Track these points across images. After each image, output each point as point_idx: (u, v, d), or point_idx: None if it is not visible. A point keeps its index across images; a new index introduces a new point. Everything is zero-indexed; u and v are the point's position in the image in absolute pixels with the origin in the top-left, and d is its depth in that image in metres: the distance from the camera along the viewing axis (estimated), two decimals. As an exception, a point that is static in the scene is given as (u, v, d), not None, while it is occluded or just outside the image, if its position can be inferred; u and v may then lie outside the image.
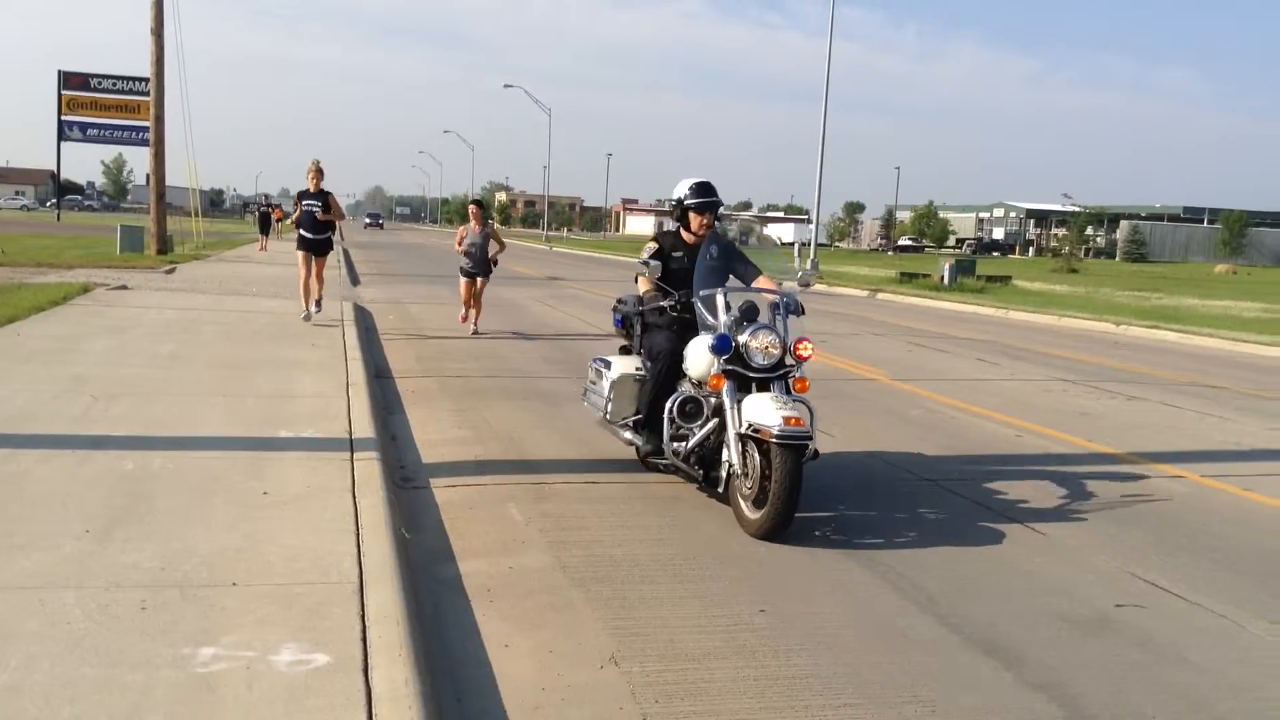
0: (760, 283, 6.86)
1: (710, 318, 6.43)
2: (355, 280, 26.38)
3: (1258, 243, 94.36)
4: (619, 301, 7.58)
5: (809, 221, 47.33)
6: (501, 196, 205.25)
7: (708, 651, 4.40)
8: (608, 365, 7.35)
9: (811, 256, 41.31)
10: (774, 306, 6.54)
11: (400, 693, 3.58)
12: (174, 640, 3.93)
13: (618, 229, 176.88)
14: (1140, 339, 20.79)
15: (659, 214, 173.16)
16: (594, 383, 7.58)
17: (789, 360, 6.27)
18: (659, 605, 4.91)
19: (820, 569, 5.56)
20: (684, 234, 7.03)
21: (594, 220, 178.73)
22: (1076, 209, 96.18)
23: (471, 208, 15.82)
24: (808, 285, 7.25)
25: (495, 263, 15.58)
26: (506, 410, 9.57)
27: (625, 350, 7.51)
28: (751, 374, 6.16)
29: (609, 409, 7.16)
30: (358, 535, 5.24)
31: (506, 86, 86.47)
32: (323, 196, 14.39)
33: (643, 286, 6.94)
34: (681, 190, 6.96)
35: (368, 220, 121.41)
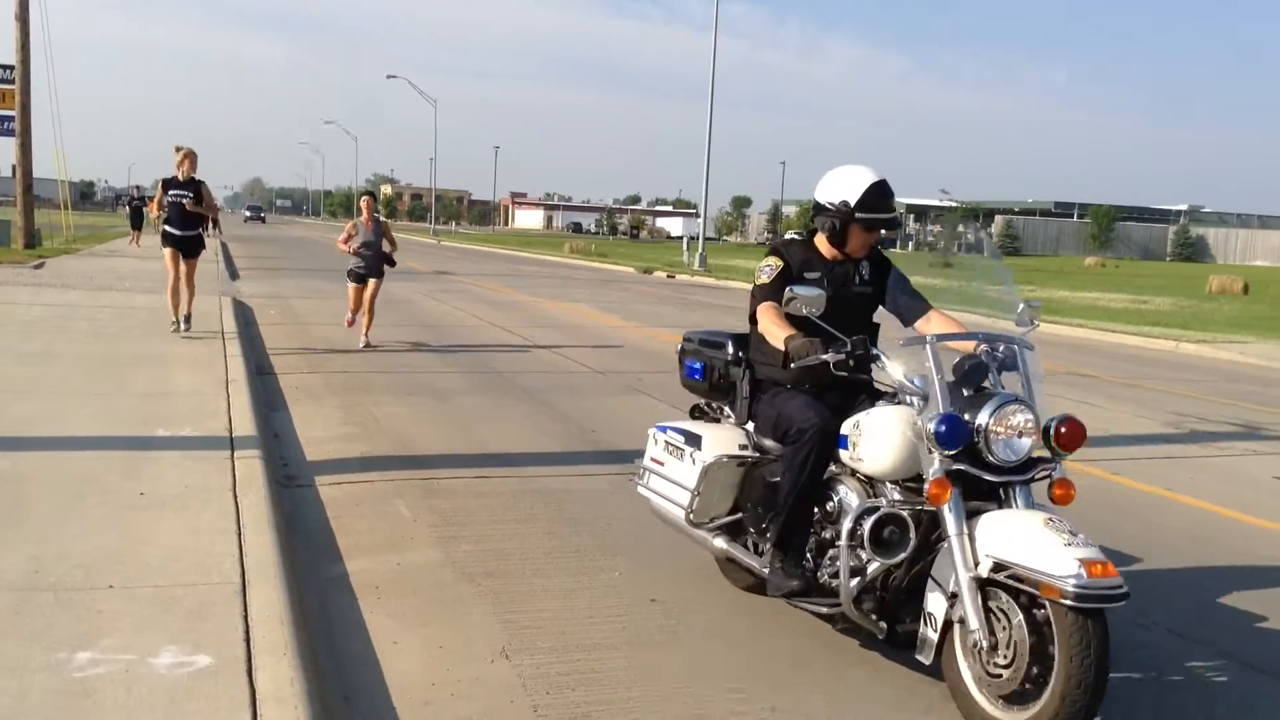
0: (938, 323, 4.78)
1: (910, 381, 4.21)
2: (234, 274, 25.72)
3: (1125, 237, 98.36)
4: (687, 341, 5.47)
5: (697, 215, 47.73)
6: (387, 189, 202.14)
7: (599, 642, 4.43)
8: (691, 440, 5.02)
9: (700, 250, 41.73)
10: (988, 358, 4.21)
11: (285, 692, 3.53)
12: (49, 645, 3.80)
13: (507, 223, 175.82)
14: (1015, 330, 21.47)
15: (549, 208, 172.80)
16: (660, 462, 5.26)
17: (1041, 451, 4.08)
18: (550, 598, 4.93)
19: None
20: (822, 246, 4.78)
21: (482, 214, 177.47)
22: (953, 204, 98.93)
23: (363, 200, 13.72)
24: (1029, 327, 4.56)
25: (392, 262, 13.61)
26: (394, 406, 9.46)
27: (700, 413, 5.44)
28: (989, 475, 3.95)
29: (695, 504, 4.85)
30: (239, 535, 5.13)
31: (390, 77, 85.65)
32: (193, 186, 12.56)
33: (769, 323, 4.51)
34: (847, 189, 4.59)
35: (248, 213, 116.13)
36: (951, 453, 3.89)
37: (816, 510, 4.41)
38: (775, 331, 4.43)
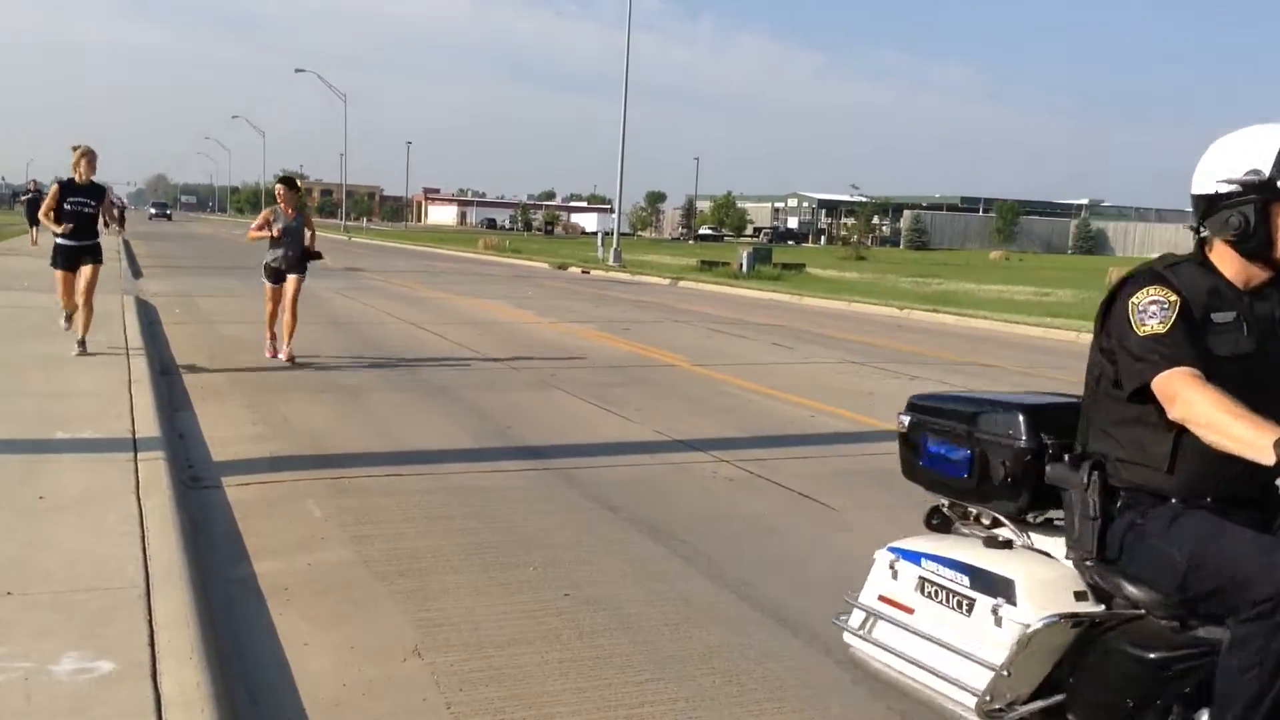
0: None
1: None
2: (137, 273, 25.06)
3: (1028, 231, 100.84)
4: (924, 411, 3.59)
5: (612, 211, 47.78)
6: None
7: (512, 638, 4.44)
8: (987, 582, 3.06)
9: (615, 246, 41.81)
10: None
11: (191, 696, 3.47)
12: (-60, 657, 3.68)
13: (419, 219, 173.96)
14: (922, 322, 21.95)
15: (463, 203, 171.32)
16: (906, 608, 3.39)
17: None
18: (463, 595, 4.91)
19: (623, 551, 5.67)
20: (1225, 266, 2.91)
21: (395, 210, 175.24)
22: (864, 199, 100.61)
23: (280, 188, 11.98)
24: None
25: (317, 255, 12.22)
26: (305, 405, 9.32)
27: (941, 519, 3.73)
28: None
29: (1002, 688, 2.94)
30: (143, 538, 5.02)
31: (298, 71, 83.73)
32: (97, 192, 11.03)
33: (1211, 410, 2.57)
34: (1262, 151, 2.77)
35: (153, 210, 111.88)
36: None
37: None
38: (1236, 427, 2.50)
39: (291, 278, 11.75)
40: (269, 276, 11.87)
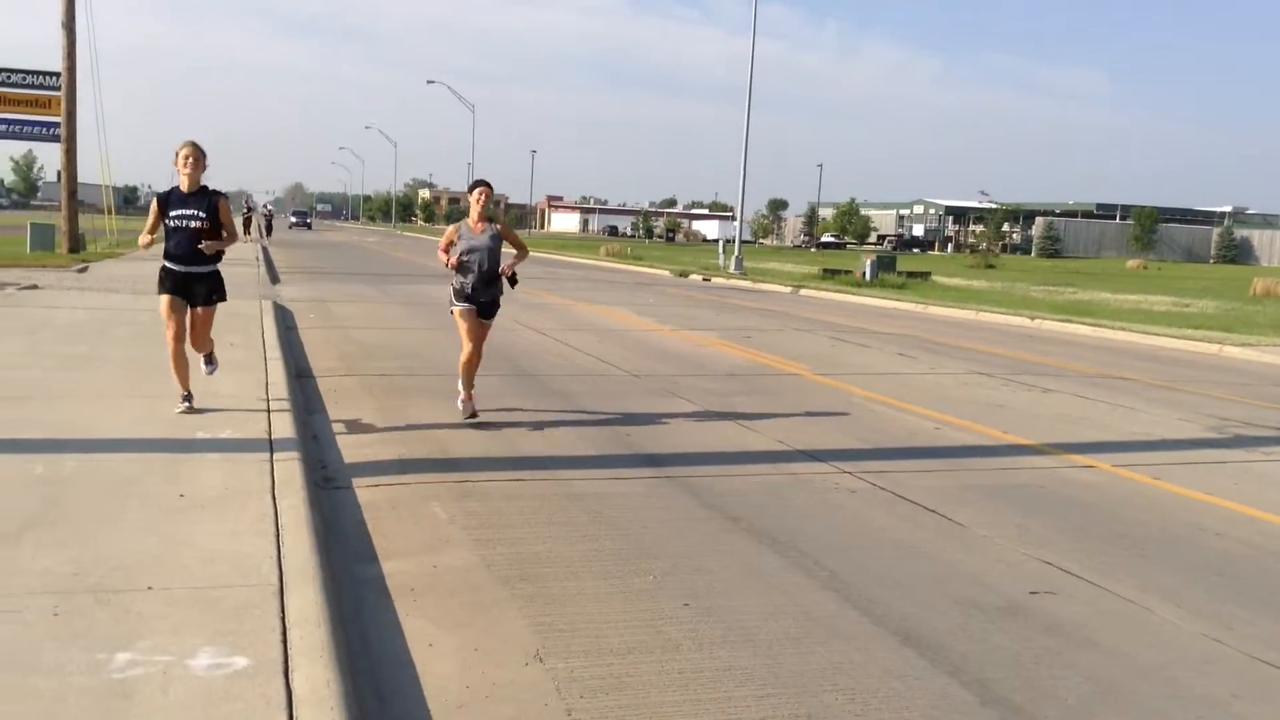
0: None
1: None
2: (275, 278, 25.97)
3: (1168, 238, 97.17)
4: None
5: (733, 218, 47.67)
6: (425, 194, 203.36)
7: (632, 646, 4.43)
8: None
9: (736, 253, 41.67)
10: None
11: (322, 694, 3.56)
12: (88, 646, 3.85)
13: (543, 226, 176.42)
14: (1054, 333, 21.29)
15: (585, 211, 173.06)
16: None
17: None
18: (584, 601, 4.93)
19: (744, 562, 5.62)
20: None
21: (519, 217, 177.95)
22: (993, 206, 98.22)
23: (478, 193, 9.18)
24: None
25: (514, 280, 9.39)
26: (430, 409, 9.51)
27: None
28: None
29: None
30: (278, 537, 5.18)
31: (429, 82, 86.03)
32: (206, 200, 8.07)
33: None
34: None
35: (294, 219, 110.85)
36: None
37: None
38: None
39: (485, 321, 9.32)
40: (461, 302, 9.16)
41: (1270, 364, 16.76)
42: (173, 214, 8.02)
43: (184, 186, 8.04)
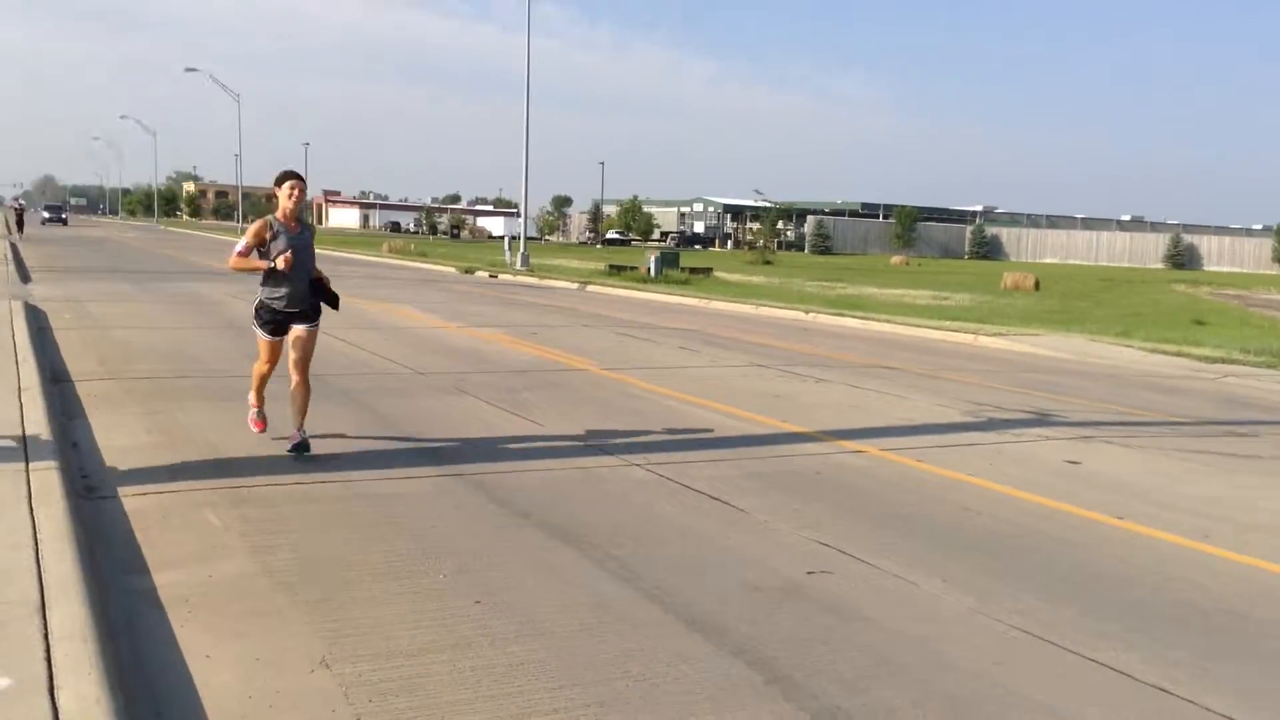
0: None
1: None
2: (25, 277, 24.17)
3: (927, 236, 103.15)
4: None
5: (519, 215, 47.59)
6: (190, 187, 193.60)
7: (423, 646, 4.38)
8: None
9: (522, 250, 41.61)
10: None
11: (92, 712, 3.35)
12: None
13: (321, 222, 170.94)
14: (827, 326, 22.28)
15: (365, 206, 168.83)
16: None
17: None
18: (372, 604, 4.83)
19: (535, 557, 5.64)
20: None
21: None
22: (768, 204, 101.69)
23: (289, 186, 7.60)
24: None
25: (332, 298, 8.10)
26: (202, 412, 9.08)
27: None
28: None
29: None
30: (36, 550, 4.84)
31: (189, 70, 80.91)
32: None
33: None
34: None
35: (46, 215, 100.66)
36: None
37: None
38: None
39: (299, 329, 7.85)
40: (265, 324, 7.87)
41: (1019, 352, 18.07)
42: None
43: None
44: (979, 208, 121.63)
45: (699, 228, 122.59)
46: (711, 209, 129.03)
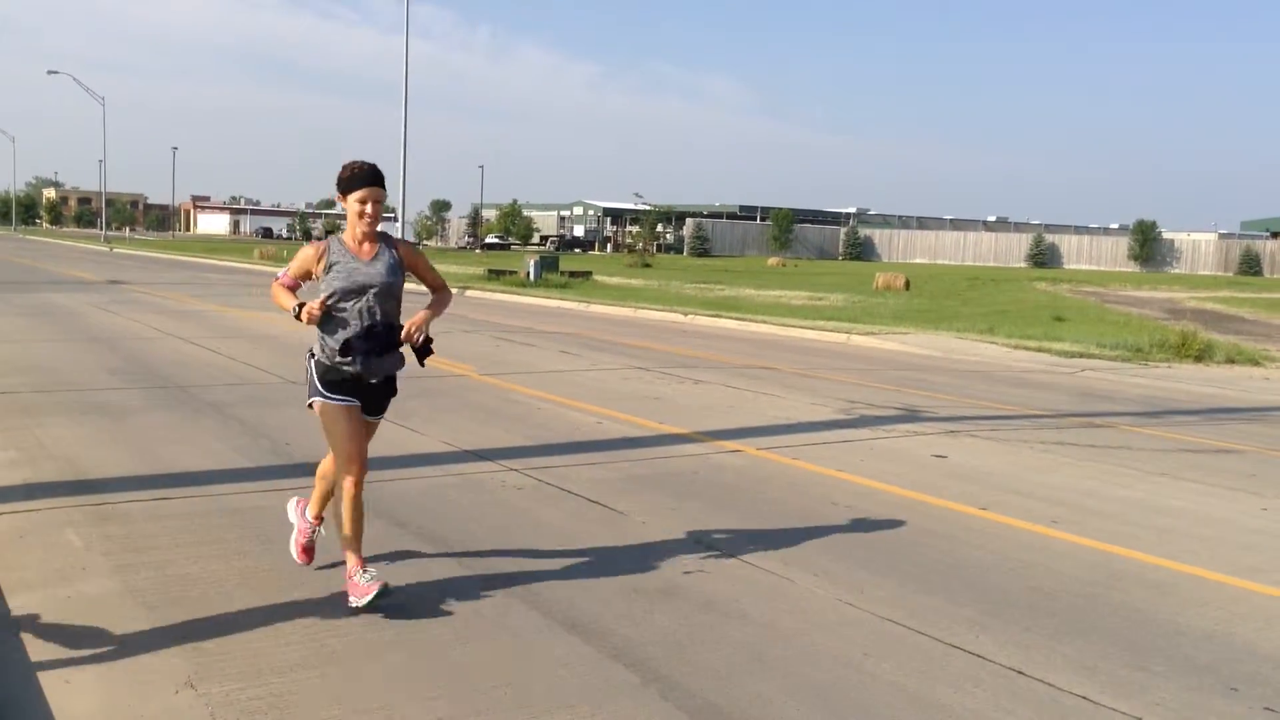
0: None
1: None
2: None
3: (802, 238, 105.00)
4: None
5: (396, 219, 46.90)
6: (50, 193, 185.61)
7: (294, 663, 4.29)
8: None
9: (398, 255, 40.99)
10: None
11: (-66, 749, 3.20)
12: None
13: (188, 228, 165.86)
14: (706, 327, 22.53)
15: (236, 212, 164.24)
16: None
17: None
18: (239, 622, 4.71)
19: (411, 566, 5.58)
20: None
21: (160, 219, 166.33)
22: (647, 207, 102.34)
23: (363, 193, 4.96)
24: None
25: (428, 348, 5.25)
26: (62, 428, 8.73)
27: None
28: None
29: None
30: (-124, 580, 4.59)
31: (51, 73, 78.31)
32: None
33: None
34: None
35: None
36: None
37: None
38: None
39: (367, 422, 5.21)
40: (331, 385, 5.04)
41: (891, 350, 18.56)
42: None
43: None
44: (852, 210, 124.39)
45: (579, 231, 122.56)
46: (591, 212, 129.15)
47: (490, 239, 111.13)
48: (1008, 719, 4.06)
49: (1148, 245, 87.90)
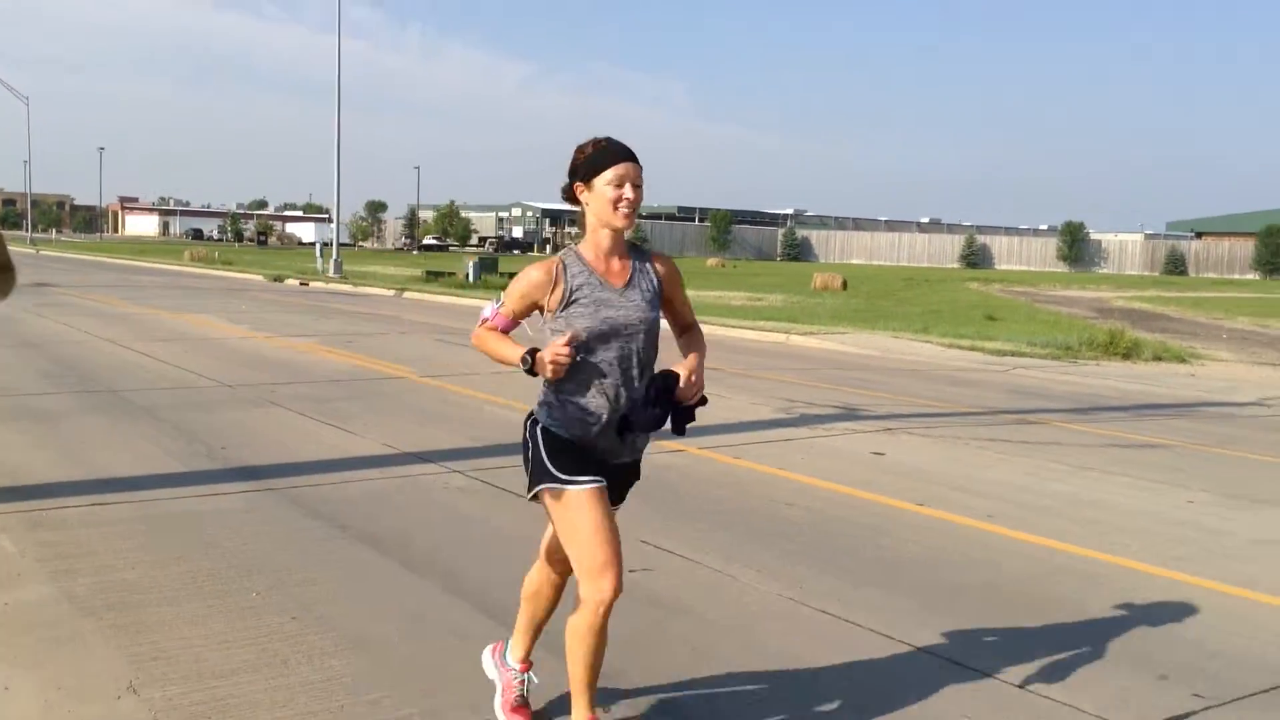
0: None
1: None
2: None
3: (741, 239, 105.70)
4: None
5: (330, 221, 46.43)
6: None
7: (237, 667, 4.26)
8: None
9: (335, 256, 40.60)
10: None
11: None
12: None
13: (116, 230, 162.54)
14: (646, 328, 22.54)
15: (165, 213, 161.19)
16: None
17: None
18: (182, 626, 4.67)
19: (354, 569, 5.56)
20: None
21: (88, 220, 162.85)
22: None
23: (613, 177, 3.60)
24: None
25: (692, 412, 3.78)
26: (-10, 433, 8.54)
27: None
28: None
29: None
30: None
31: (-28, 69, 76.02)
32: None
33: None
34: None
35: None
36: None
37: None
38: None
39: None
40: (569, 464, 3.64)
41: (829, 349, 18.77)
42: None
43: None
44: (790, 211, 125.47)
45: (518, 233, 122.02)
46: (530, 214, 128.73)
47: (428, 240, 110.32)
48: (948, 707, 4.16)
49: (1076, 246, 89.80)
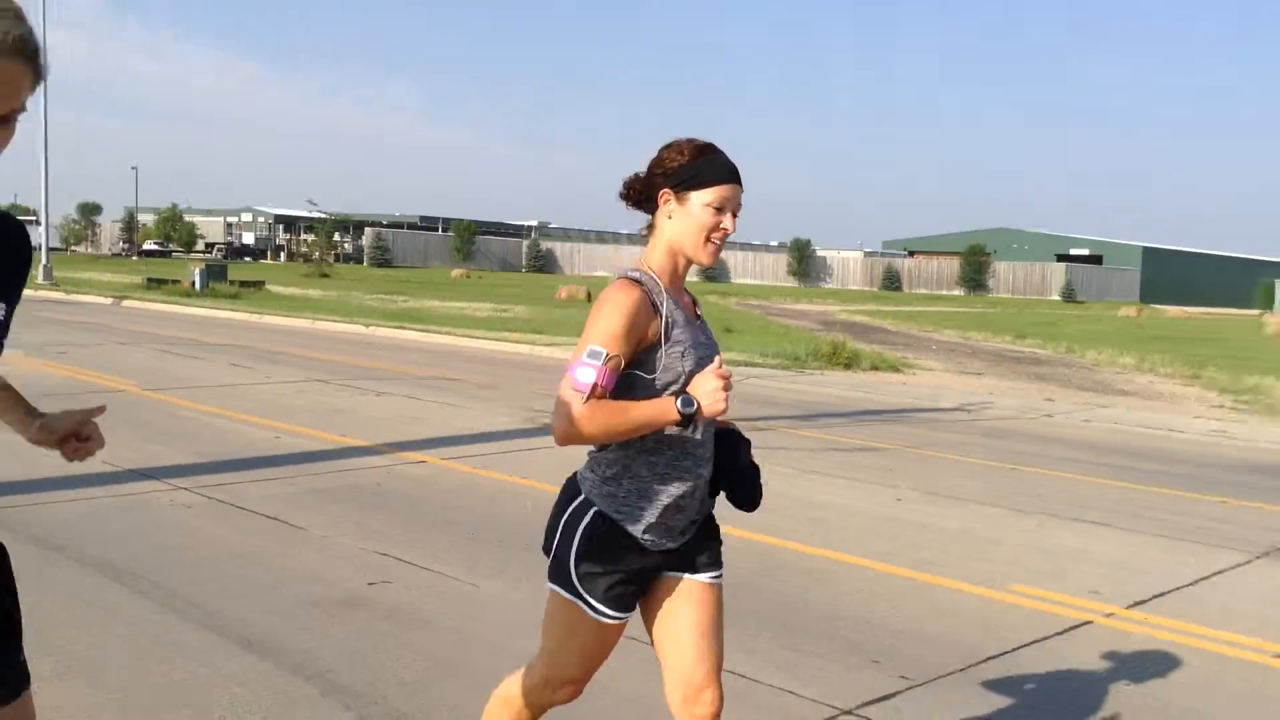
0: None
1: None
2: None
3: (486, 250, 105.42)
4: None
5: (38, 223, 43.00)
6: None
7: None
8: None
9: (44, 262, 37.64)
10: None
11: None
12: None
13: None
14: (388, 339, 22.22)
15: None
16: None
17: None
18: None
19: (74, 593, 5.24)
20: None
21: None
22: (323, 215, 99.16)
23: (719, 198, 2.78)
24: None
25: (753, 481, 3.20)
26: None
27: None
28: None
29: None
30: None
31: None
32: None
33: None
34: None
35: None
36: None
37: None
38: None
39: (696, 581, 3.28)
40: (606, 581, 2.90)
41: (571, 361, 19.06)
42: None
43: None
44: (534, 223, 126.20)
45: (249, 239, 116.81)
46: (262, 219, 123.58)
47: (149, 245, 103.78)
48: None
49: (804, 262, 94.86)
